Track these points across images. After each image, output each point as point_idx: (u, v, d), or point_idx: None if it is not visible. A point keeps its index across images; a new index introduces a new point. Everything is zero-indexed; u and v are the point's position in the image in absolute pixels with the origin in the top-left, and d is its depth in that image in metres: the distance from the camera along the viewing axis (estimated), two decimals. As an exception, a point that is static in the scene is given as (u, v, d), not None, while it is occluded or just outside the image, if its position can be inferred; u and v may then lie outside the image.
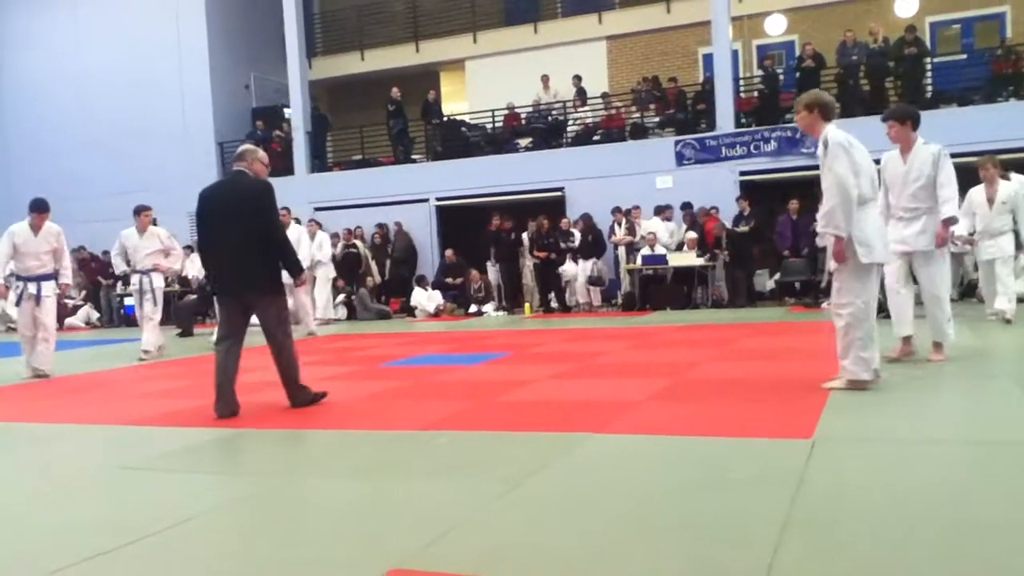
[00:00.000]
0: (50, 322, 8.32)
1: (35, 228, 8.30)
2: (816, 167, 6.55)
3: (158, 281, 9.79)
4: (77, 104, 19.63)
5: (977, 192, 9.02)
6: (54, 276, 8.39)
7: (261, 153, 5.70)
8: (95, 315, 17.90)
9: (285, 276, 5.54)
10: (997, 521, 2.71)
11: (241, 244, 5.33)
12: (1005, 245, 8.92)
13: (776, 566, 2.39)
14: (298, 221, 15.03)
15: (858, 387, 5.08)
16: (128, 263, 9.74)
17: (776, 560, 2.43)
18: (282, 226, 5.66)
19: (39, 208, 8.32)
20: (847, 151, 4.98)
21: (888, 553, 2.47)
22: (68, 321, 17.48)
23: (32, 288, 8.22)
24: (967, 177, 12.05)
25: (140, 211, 9.85)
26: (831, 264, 5.16)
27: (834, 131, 5.09)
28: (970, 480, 3.27)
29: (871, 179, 5.16)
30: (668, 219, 14.64)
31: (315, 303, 14.89)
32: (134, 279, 9.74)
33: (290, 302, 6.58)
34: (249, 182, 5.49)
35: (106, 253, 18.05)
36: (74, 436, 5.21)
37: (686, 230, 14.36)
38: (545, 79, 17.55)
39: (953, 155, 13.36)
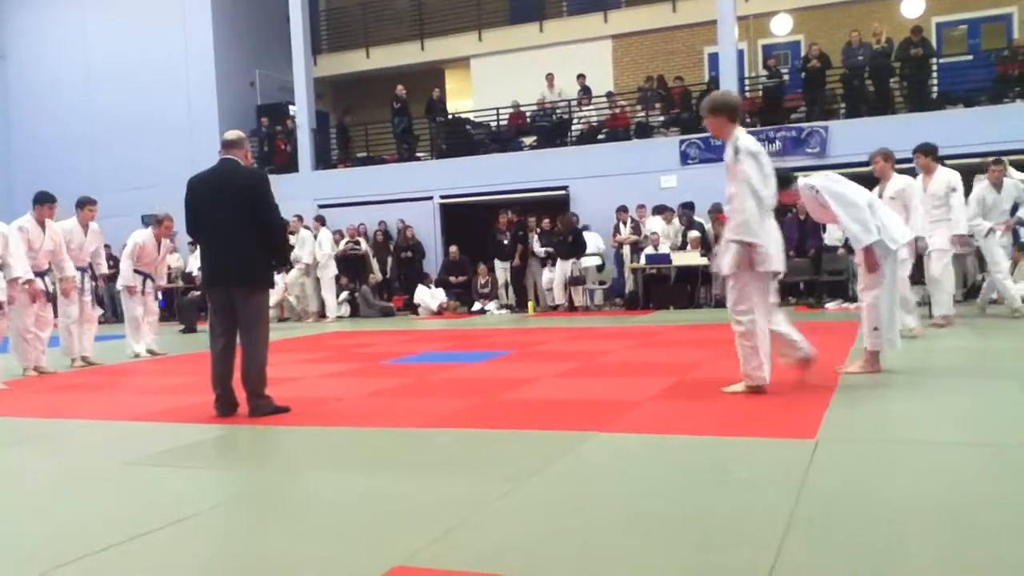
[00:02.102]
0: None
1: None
2: (820, 167, 6.52)
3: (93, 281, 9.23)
4: (82, 100, 19.66)
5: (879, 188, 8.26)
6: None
7: (248, 143, 5.57)
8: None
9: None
10: (999, 523, 2.71)
11: (226, 233, 5.18)
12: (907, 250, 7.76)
13: (779, 566, 2.39)
14: (307, 227, 15.11)
15: (757, 391, 5.09)
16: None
17: (779, 560, 2.43)
18: (279, 214, 5.43)
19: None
20: (757, 159, 4.96)
21: (890, 554, 2.47)
22: None
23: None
24: (970, 179, 12.06)
25: (85, 204, 8.94)
26: (724, 268, 5.15)
27: (745, 137, 5.07)
28: (972, 482, 3.26)
29: (771, 190, 5.14)
30: (668, 220, 14.59)
31: (326, 302, 14.96)
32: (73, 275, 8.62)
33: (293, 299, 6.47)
34: (242, 170, 5.33)
35: (107, 246, 18.14)
36: (76, 432, 5.22)
37: (684, 230, 14.35)
38: (550, 78, 17.53)
39: (959, 156, 13.43)
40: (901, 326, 7.56)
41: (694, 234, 14.00)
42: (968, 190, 12.09)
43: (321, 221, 15.68)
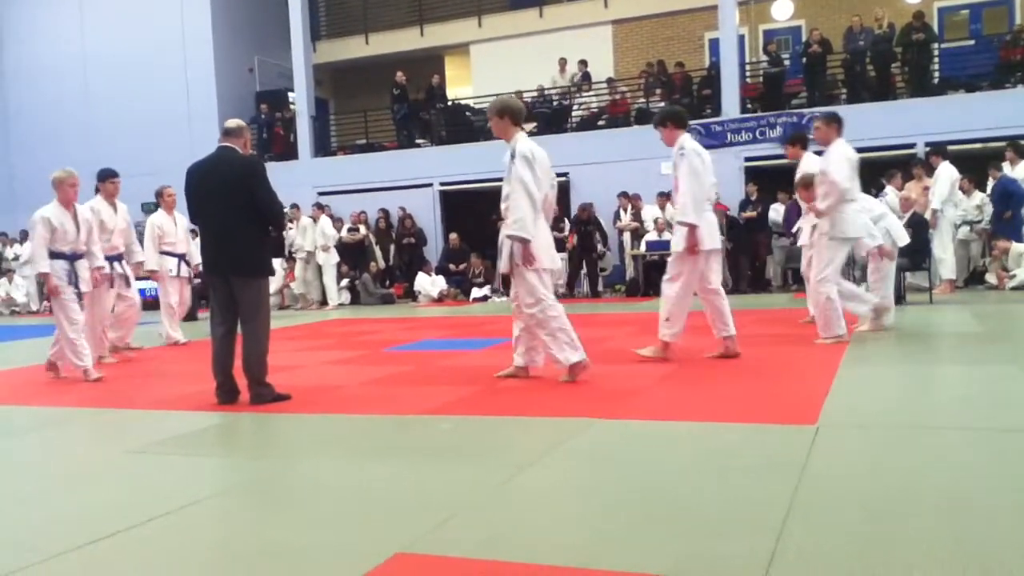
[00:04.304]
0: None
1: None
2: (821, 152, 6.58)
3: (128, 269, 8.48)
4: (81, 88, 19.60)
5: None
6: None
7: (248, 131, 5.57)
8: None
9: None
10: (1001, 508, 2.71)
11: (225, 221, 5.18)
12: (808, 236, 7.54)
13: (779, 552, 2.39)
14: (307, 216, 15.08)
15: (577, 372, 5.35)
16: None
17: (780, 546, 2.43)
18: (278, 199, 5.39)
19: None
20: (530, 163, 5.26)
21: (891, 540, 2.47)
22: None
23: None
24: (971, 164, 12.06)
25: (107, 177, 8.32)
26: (503, 266, 5.52)
27: (523, 142, 5.36)
28: (974, 467, 3.26)
29: (544, 193, 5.41)
30: (662, 206, 14.59)
31: (327, 290, 14.96)
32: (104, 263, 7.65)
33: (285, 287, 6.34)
34: (237, 158, 5.30)
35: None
36: (76, 420, 5.22)
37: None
38: (563, 62, 17.47)
39: (960, 142, 13.37)
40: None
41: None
42: (983, 179, 12.07)
43: (320, 209, 15.65)
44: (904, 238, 7.82)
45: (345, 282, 15.61)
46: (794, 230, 8.11)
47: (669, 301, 6.17)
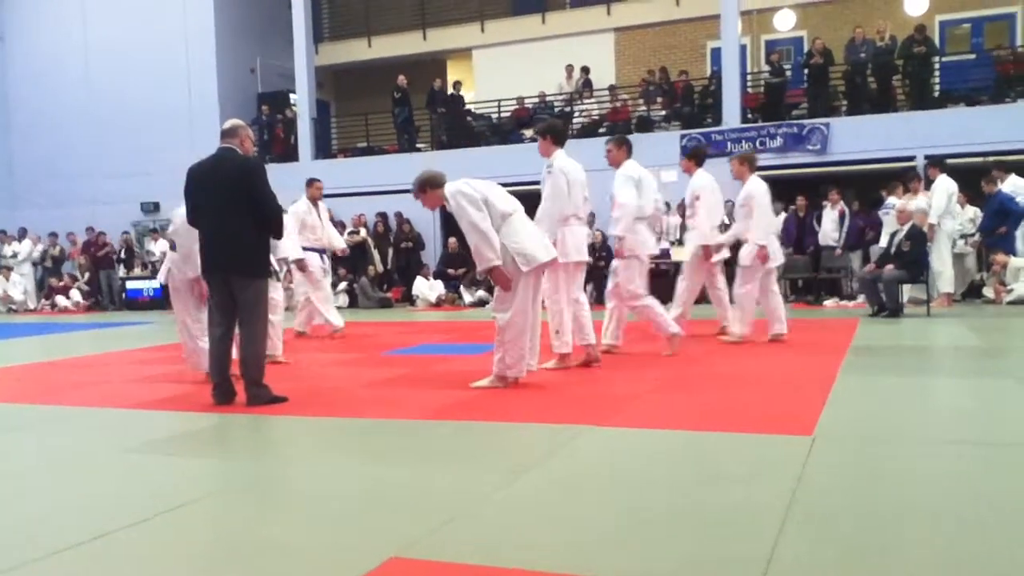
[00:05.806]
0: None
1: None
2: (821, 164, 6.62)
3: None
4: (83, 86, 19.57)
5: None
6: None
7: (249, 130, 5.57)
8: (77, 297, 17.82)
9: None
10: (995, 521, 2.72)
11: (225, 222, 5.17)
12: (744, 254, 7.73)
13: (775, 560, 2.39)
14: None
15: (504, 383, 5.50)
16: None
17: (775, 554, 2.43)
18: (277, 202, 5.38)
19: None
20: (466, 196, 5.46)
21: (886, 551, 2.47)
22: (58, 301, 17.45)
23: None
24: (970, 178, 12.09)
25: (313, 181, 9.56)
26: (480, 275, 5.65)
27: (451, 187, 5.59)
28: (969, 480, 3.26)
29: (501, 196, 5.64)
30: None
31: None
32: (316, 260, 9.16)
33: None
34: (238, 160, 5.31)
35: (102, 233, 17.99)
36: (74, 419, 5.22)
37: (680, 224, 14.38)
38: (569, 69, 17.47)
39: (959, 155, 13.36)
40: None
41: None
42: (975, 193, 12.11)
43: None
44: (779, 258, 8.05)
45: (343, 285, 15.60)
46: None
47: (556, 315, 6.28)
